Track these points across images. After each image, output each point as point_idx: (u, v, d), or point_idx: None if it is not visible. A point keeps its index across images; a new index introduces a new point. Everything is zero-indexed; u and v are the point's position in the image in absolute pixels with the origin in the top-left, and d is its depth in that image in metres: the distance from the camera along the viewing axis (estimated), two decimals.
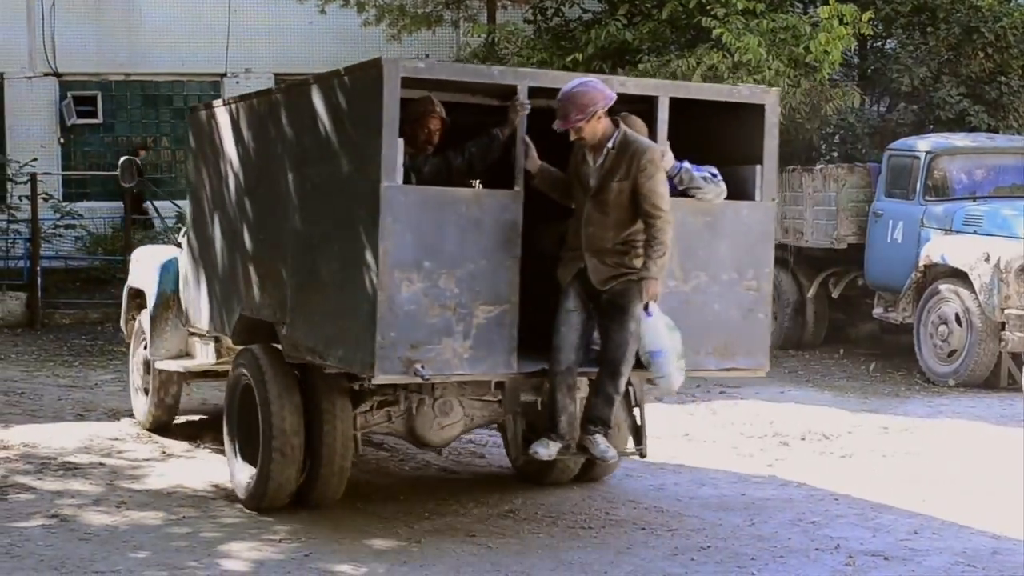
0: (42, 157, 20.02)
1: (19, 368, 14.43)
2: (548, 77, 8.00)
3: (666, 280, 7.34)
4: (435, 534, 7.82)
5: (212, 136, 9.35)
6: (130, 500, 8.51)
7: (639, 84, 7.98)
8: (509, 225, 7.13)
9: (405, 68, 6.84)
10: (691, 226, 7.55)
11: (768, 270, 7.84)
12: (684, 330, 7.38)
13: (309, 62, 21.10)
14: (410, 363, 6.96)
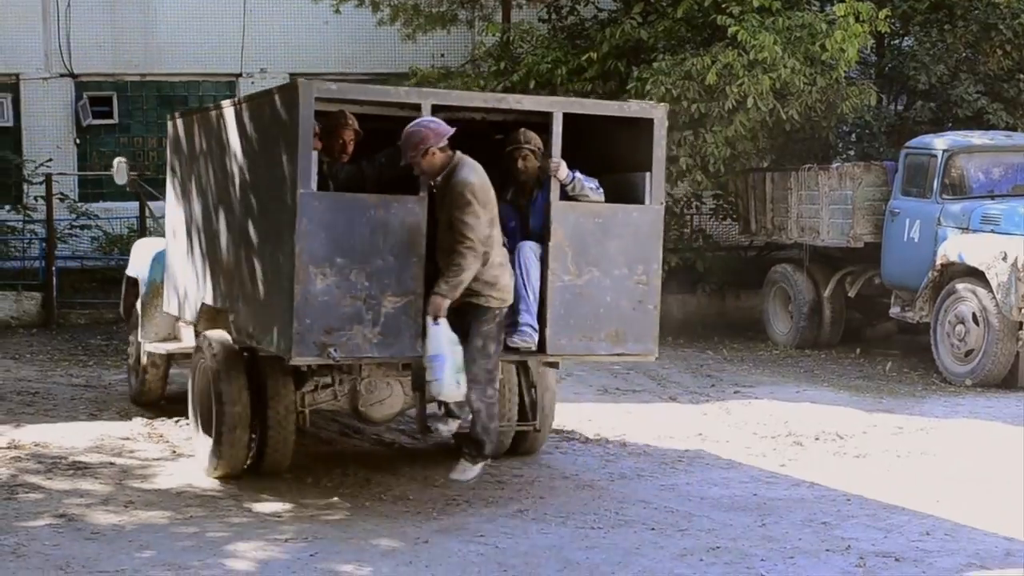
0: (58, 158, 20.01)
1: (34, 368, 14.44)
2: (451, 96, 8.84)
3: (560, 275, 8.29)
4: (443, 534, 7.77)
5: (180, 142, 10.51)
6: (138, 499, 8.49)
7: (535, 101, 8.95)
8: (414, 226, 7.98)
9: (318, 89, 7.80)
10: (584, 227, 8.40)
11: (656, 266, 8.68)
12: (578, 320, 8.38)
13: (324, 62, 21.14)
14: (324, 347, 7.84)
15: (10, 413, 11.73)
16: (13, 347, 15.92)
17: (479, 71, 18.74)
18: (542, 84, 17.15)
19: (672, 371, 14.64)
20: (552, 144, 8.33)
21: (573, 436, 10.97)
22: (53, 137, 20.59)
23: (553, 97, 9.68)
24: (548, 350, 8.48)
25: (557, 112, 8.36)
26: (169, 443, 10.38)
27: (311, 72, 21.16)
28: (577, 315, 8.40)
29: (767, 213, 17.12)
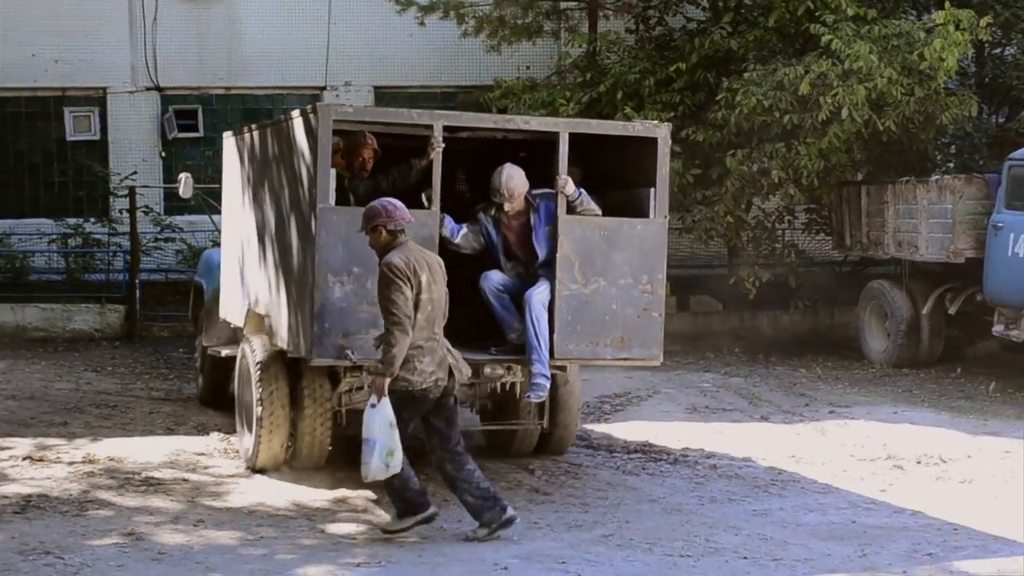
0: (143, 171, 20.01)
1: (114, 380, 14.32)
2: (462, 117, 9.52)
3: (567, 285, 8.83)
4: (523, 560, 7.38)
5: (231, 159, 11.39)
6: (208, 518, 8.22)
7: (541, 122, 9.36)
8: (427, 238, 8.50)
9: (337, 112, 8.56)
10: (590, 239, 8.96)
11: (661, 276, 9.14)
12: (585, 326, 8.91)
13: (409, 75, 20.98)
14: (342, 349, 8.44)
15: (87, 426, 11.58)
16: (95, 359, 15.84)
17: (565, 82, 18.40)
18: (629, 95, 16.79)
19: (764, 389, 14.15)
20: (559, 162, 8.83)
21: (661, 457, 10.55)
22: (139, 150, 20.63)
23: (559, 118, 10.13)
24: (555, 355, 8.93)
25: (563, 132, 8.88)
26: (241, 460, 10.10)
27: (395, 85, 21.10)
28: (584, 322, 8.93)
29: (862, 227, 16.56)
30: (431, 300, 7.68)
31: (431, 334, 7.70)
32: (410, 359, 7.60)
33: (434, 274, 7.77)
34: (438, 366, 7.70)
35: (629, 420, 12.29)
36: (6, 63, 20.17)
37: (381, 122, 9.35)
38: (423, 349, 7.64)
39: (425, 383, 7.64)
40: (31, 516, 8.17)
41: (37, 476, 9.43)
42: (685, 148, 16.19)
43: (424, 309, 7.64)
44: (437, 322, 7.78)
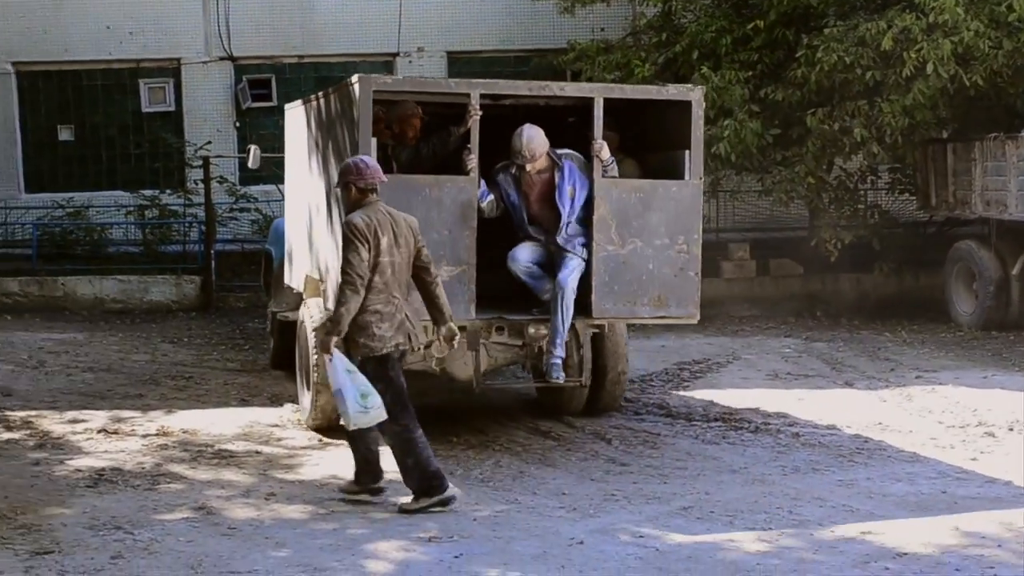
0: (218, 141, 19.96)
1: (190, 352, 14.31)
2: (497, 85, 9.66)
3: (604, 246, 9.10)
4: (599, 534, 7.16)
5: (290, 129, 11.82)
6: (280, 492, 8.10)
7: (576, 88, 9.83)
8: (466, 203, 8.91)
9: (376, 83, 8.84)
10: (626, 201, 9.21)
11: (697, 236, 9.35)
12: (622, 286, 9.17)
13: (482, 40, 20.71)
14: None
15: (163, 398, 11.55)
16: (172, 330, 15.86)
17: (640, 43, 18.04)
18: (706, 55, 16.42)
19: (847, 354, 13.80)
20: (594, 127, 9.06)
21: (741, 425, 10.27)
22: (213, 121, 20.58)
23: (594, 84, 10.16)
24: (593, 314, 9.22)
25: (598, 97, 9.09)
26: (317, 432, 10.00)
27: (468, 50, 20.85)
28: (621, 282, 9.20)
29: (948, 186, 16.07)
30: (391, 264, 7.56)
31: (389, 297, 7.57)
32: (368, 325, 7.49)
33: (399, 237, 7.62)
34: (397, 331, 7.59)
35: (708, 387, 12.03)
36: (81, 36, 20.21)
37: (419, 91, 9.71)
38: (381, 314, 7.52)
39: (386, 348, 7.55)
40: (103, 490, 8.11)
41: (111, 449, 9.40)
42: (764, 108, 15.80)
43: (383, 272, 7.52)
44: (397, 286, 7.63)
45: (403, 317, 7.64)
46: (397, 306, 7.62)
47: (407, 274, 7.74)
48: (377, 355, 7.55)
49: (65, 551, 6.75)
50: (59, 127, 20.60)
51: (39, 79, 20.46)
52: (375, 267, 7.49)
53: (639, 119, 9.96)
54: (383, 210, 7.68)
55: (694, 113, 9.24)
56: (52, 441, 9.65)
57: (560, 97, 9.48)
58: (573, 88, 9.58)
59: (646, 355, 13.72)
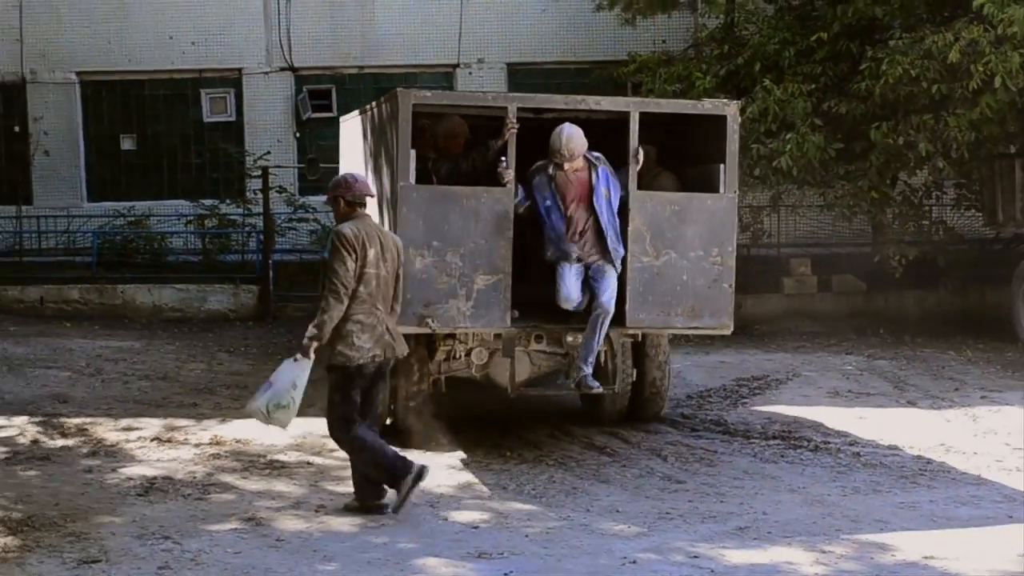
0: (278, 151, 20.04)
1: (247, 361, 14.30)
2: (535, 99, 9.90)
3: (639, 257, 9.28)
4: (654, 553, 7.01)
5: (343, 140, 12.35)
6: (330, 504, 8.01)
7: (612, 102, 9.83)
8: (502, 214, 9.11)
9: (416, 97, 9.09)
10: (661, 214, 9.38)
11: (731, 249, 9.47)
12: (656, 296, 9.33)
13: (542, 51, 20.65)
14: (423, 318, 9.02)
15: (217, 408, 11.53)
16: (229, 340, 15.87)
17: (701, 56, 17.87)
18: (768, 67, 16.22)
19: (910, 373, 13.52)
20: (630, 140, 9.22)
21: (801, 444, 10.07)
22: (273, 131, 20.68)
23: (630, 98, 10.21)
24: (628, 323, 9.40)
25: (634, 111, 9.29)
26: None
27: (528, 62, 20.79)
28: (655, 292, 9.36)
29: (1016, 202, 15.73)
30: (376, 276, 7.70)
31: (372, 309, 7.69)
32: (349, 334, 7.60)
33: (385, 251, 7.79)
34: (375, 343, 7.69)
35: (767, 404, 11.82)
36: (144, 46, 20.39)
37: (458, 104, 10.03)
38: (363, 325, 7.64)
39: (362, 359, 7.65)
40: (153, 499, 8.08)
41: (164, 458, 9.37)
42: (827, 121, 15.56)
43: (368, 283, 7.66)
44: (381, 299, 7.76)
45: (384, 330, 7.75)
46: (379, 318, 7.73)
47: (391, 289, 7.88)
48: (352, 365, 7.64)
49: (112, 560, 6.70)
50: (121, 136, 20.80)
51: (103, 88, 20.66)
52: (360, 278, 7.63)
53: (683, 133, 10.08)
54: (371, 224, 7.89)
55: (729, 127, 9.38)
56: (105, 448, 9.64)
57: (597, 111, 9.58)
58: (609, 102, 9.73)
59: (704, 371, 13.53)
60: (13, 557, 6.66)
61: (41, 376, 12.71)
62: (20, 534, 7.05)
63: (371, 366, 7.71)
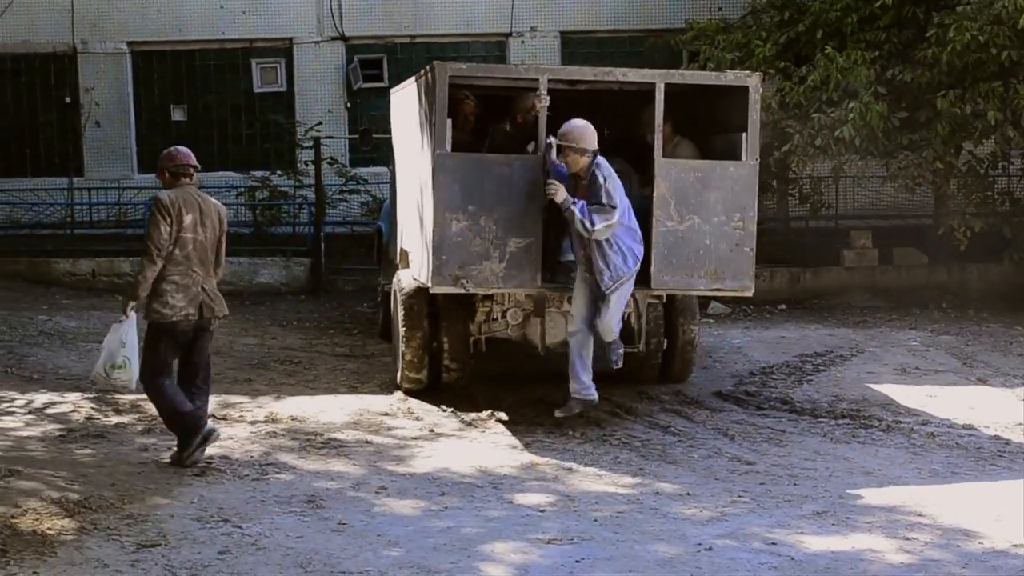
0: (329, 122, 19.81)
1: (299, 336, 14.13)
2: (564, 71, 10.91)
3: (664, 222, 9.65)
4: (729, 539, 6.75)
5: (394, 111, 12.62)
6: (391, 485, 7.80)
7: (639, 74, 10.11)
8: (534, 180, 9.49)
9: (452, 69, 9.56)
10: (685, 180, 9.75)
11: (752, 214, 9.85)
12: (680, 259, 9.69)
13: (596, 19, 20.29)
14: (457, 279, 9.53)
15: (271, 383, 11.36)
16: (281, 313, 15.71)
17: (760, 23, 17.46)
18: (830, 34, 15.83)
19: (977, 348, 13.16)
20: (656, 111, 9.60)
21: (871, 423, 9.78)
22: (324, 101, 20.45)
23: (655, 70, 10.32)
24: (652, 285, 9.78)
25: (659, 83, 9.67)
26: (425, 421, 9.72)
27: (581, 30, 20.44)
28: (679, 255, 9.72)
29: None
30: (193, 240, 8.09)
31: (188, 271, 8.09)
32: (164, 293, 8.03)
33: (205, 218, 8.19)
34: (189, 302, 8.08)
35: (833, 382, 11.52)
36: (195, 16, 20.21)
37: (491, 76, 10.65)
38: (177, 285, 8.06)
39: (175, 316, 8.05)
40: (211, 480, 7.88)
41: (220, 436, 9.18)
42: (890, 89, 15.15)
43: (184, 247, 8.06)
44: (198, 261, 8.13)
45: (199, 290, 8.15)
46: (194, 279, 8.13)
47: (211, 253, 8.27)
48: (165, 321, 8.07)
49: (172, 544, 6.51)
50: (172, 107, 20.63)
51: (153, 59, 20.50)
52: (176, 241, 8.04)
53: (713, 103, 10.42)
54: (193, 193, 8.25)
55: (751, 98, 9.72)
56: (160, 426, 9.44)
57: (625, 82, 9.97)
58: (635, 74, 10.07)
59: (766, 346, 13.24)
60: (71, 540, 6.49)
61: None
62: (77, 516, 6.88)
63: (184, 323, 8.12)
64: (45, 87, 20.44)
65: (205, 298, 8.17)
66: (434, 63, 9.60)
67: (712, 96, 10.41)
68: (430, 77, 9.63)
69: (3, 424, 9.35)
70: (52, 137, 20.26)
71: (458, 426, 9.62)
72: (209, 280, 8.24)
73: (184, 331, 8.16)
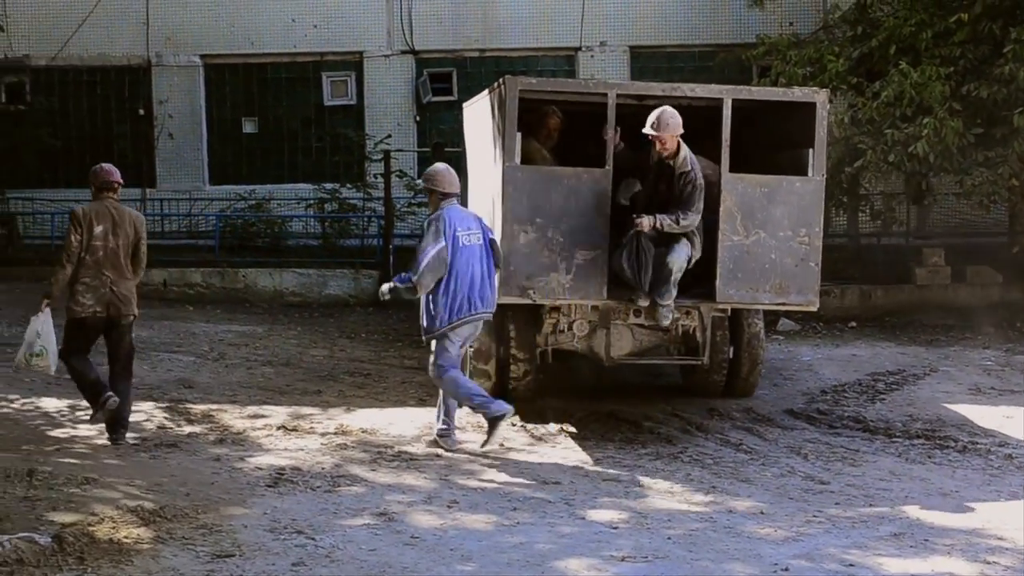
0: (397, 135, 19.92)
1: (368, 348, 14.19)
2: (632, 86, 10.97)
3: (729, 236, 9.70)
4: (806, 560, 6.64)
5: (466, 125, 12.70)
6: (463, 499, 7.78)
7: (706, 89, 10.14)
8: (601, 193, 9.66)
9: (523, 83, 9.67)
10: (752, 195, 9.80)
11: (818, 229, 9.89)
12: (745, 273, 9.75)
13: (665, 33, 20.25)
14: (524, 290, 9.66)
15: (341, 395, 11.41)
16: (350, 325, 15.78)
17: (832, 38, 17.33)
18: (904, 49, 15.67)
19: None
20: (723, 126, 9.62)
21: (947, 444, 9.63)
22: (394, 115, 20.56)
23: (723, 85, 10.42)
24: (717, 299, 9.86)
25: (727, 98, 9.71)
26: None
27: (651, 44, 20.40)
28: (744, 269, 9.79)
29: None
30: (104, 247, 9.09)
31: (98, 274, 9.09)
32: (76, 293, 9.09)
33: (117, 228, 9.16)
34: (97, 301, 9.10)
35: (906, 401, 11.38)
36: (267, 29, 20.40)
37: (560, 91, 10.65)
38: (87, 286, 9.08)
39: (84, 312, 9.10)
40: (283, 490, 7.91)
41: (291, 447, 9.24)
42: (966, 105, 14.98)
43: (95, 253, 9.07)
44: (110, 266, 9.11)
45: (107, 291, 9.12)
46: (103, 282, 9.10)
47: (124, 258, 9.22)
48: (76, 317, 9.12)
49: (246, 554, 6.53)
50: (243, 119, 20.82)
51: (225, 71, 20.72)
52: (88, 248, 9.04)
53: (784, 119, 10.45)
54: (110, 206, 9.20)
55: (818, 114, 9.76)
56: (232, 436, 9.54)
57: (693, 98, 10.00)
58: (704, 90, 10.14)
59: (837, 364, 13.11)
60: (147, 549, 6.53)
61: (166, 360, 12.71)
62: (152, 525, 6.92)
63: (93, 319, 9.13)
64: (119, 99, 20.73)
65: (113, 298, 9.14)
66: (505, 77, 9.71)
67: (780, 112, 10.44)
68: (502, 91, 9.74)
69: (79, 432, 9.45)
70: (125, 149, 20.52)
71: (528, 440, 9.60)
72: (122, 282, 9.20)
73: (93, 325, 9.18)
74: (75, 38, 20.17)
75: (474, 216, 9.48)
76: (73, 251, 9.02)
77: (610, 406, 10.77)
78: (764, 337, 11.23)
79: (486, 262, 9.23)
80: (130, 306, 9.24)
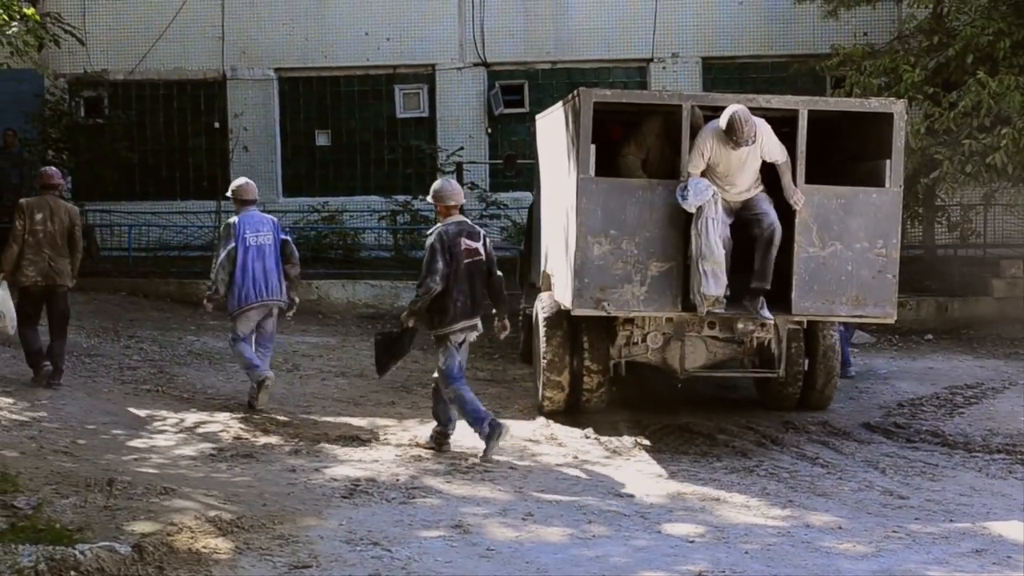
0: (469, 147, 19.98)
1: None
2: (707, 97, 10.63)
3: (805, 247, 9.71)
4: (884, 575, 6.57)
5: (538, 137, 12.79)
6: (538, 512, 7.77)
7: (782, 100, 10.11)
8: (675, 205, 9.61)
9: (597, 95, 9.68)
10: (828, 206, 9.78)
11: (896, 241, 9.81)
12: (821, 285, 9.71)
13: (738, 44, 20.13)
14: (598, 301, 9.70)
15: (415, 407, 11.45)
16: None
17: (908, 48, 17.14)
18: (982, 59, 15.47)
19: None
20: (798, 137, 9.67)
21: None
22: (465, 127, 20.60)
23: (799, 96, 10.38)
24: (793, 311, 9.81)
25: (803, 109, 9.75)
26: (569, 448, 9.70)
27: (723, 56, 20.29)
28: (820, 281, 9.75)
29: None
30: (43, 231, 11.16)
31: (39, 252, 11.15)
32: (23, 267, 11.12)
33: (54, 216, 11.20)
34: (37, 273, 11.19)
35: (985, 415, 11.21)
36: (340, 42, 20.55)
37: (635, 102, 10.60)
38: (31, 261, 11.15)
39: (28, 282, 11.19)
40: (358, 502, 7.95)
41: (365, 458, 9.28)
42: None
43: (36, 235, 11.15)
44: (49, 246, 11.16)
45: (46, 266, 11.20)
46: (43, 258, 11.18)
47: (60, 240, 11.23)
48: (23, 286, 11.17)
49: (323, 566, 6.57)
50: (317, 132, 20.98)
51: (299, 85, 20.89)
52: (31, 232, 11.13)
53: (860, 130, 10.41)
54: (48, 200, 11.30)
55: (895, 125, 9.69)
56: (308, 447, 9.60)
57: (768, 108, 9.92)
58: (779, 100, 10.10)
59: (914, 377, 12.96)
60: (225, 559, 6.58)
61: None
62: (230, 535, 6.98)
63: (35, 288, 11.22)
64: (195, 112, 20.97)
65: (50, 271, 11.21)
66: (580, 89, 9.70)
67: (856, 123, 10.38)
68: (576, 102, 9.73)
69: (157, 442, 9.56)
70: (201, 161, 20.75)
71: (603, 453, 9.57)
72: (58, 259, 11.22)
73: (36, 292, 11.25)
74: (152, 53, 20.45)
75: (270, 220, 11.46)
76: (18, 234, 11.14)
77: (684, 419, 10.71)
78: (839, 349, 11.15)
79: (273, 259, 11.18)
80: (64, 277, 11.31)
